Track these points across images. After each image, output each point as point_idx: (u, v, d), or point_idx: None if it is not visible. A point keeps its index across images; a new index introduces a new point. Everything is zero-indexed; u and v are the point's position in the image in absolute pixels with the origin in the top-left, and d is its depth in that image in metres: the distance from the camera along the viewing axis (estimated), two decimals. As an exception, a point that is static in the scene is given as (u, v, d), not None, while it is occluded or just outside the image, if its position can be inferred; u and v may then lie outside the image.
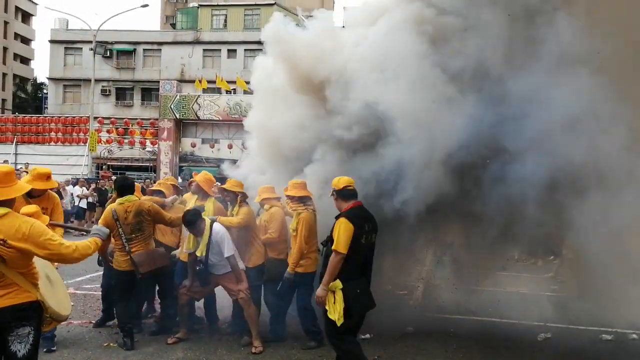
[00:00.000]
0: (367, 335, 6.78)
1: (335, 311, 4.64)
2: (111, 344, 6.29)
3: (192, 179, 7.83)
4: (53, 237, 3.69)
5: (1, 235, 3.55)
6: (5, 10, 52.44)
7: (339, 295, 4.65)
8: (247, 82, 31.10)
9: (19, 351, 3.65)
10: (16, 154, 27.67)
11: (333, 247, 4.71)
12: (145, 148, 30.15)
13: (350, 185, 4.98)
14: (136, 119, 31.74)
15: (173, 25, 44.44)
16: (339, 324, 4.64)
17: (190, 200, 7.00)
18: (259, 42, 35.14)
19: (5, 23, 52.40)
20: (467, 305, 8.27)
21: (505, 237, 6.74)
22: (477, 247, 7.41)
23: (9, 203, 3.69)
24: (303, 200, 6.34)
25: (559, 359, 6.45)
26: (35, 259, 3.76)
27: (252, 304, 6.32)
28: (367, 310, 4.89)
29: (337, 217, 4.86)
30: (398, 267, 8.01)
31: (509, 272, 11.55)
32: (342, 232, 4.66)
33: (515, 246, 8.35)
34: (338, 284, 4.67)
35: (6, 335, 3.63)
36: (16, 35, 55.65)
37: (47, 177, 5.67)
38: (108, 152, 29.99)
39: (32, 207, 4.52)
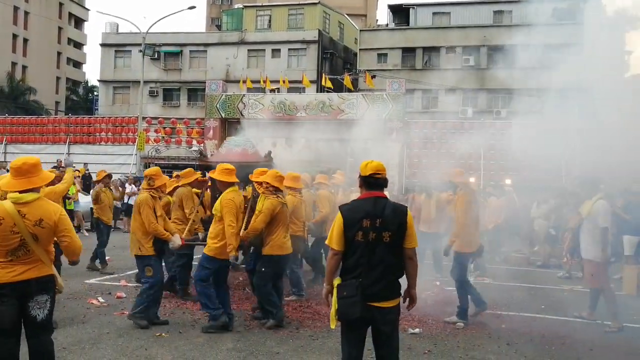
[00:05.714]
0: (417, 330, 6.72)
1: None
2: (163, 334, 6.40)
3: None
4: (72, 227, 4.37)
5: (39, 216, 4.15)
6: (60, 17, 54.22)
7: (334, 295, 4.11)
8: (291, 81, 31.29)
9: (38, 316, 4.21)
10: (69, 154, 28.49)
11: (326, 241, 4.29)
12: (191, 147, 30.59)
13: (378, 173, 4.18)
14: (183, 118, 32.25)
15: (218, 27, 45.01)
16: (332, 326, 4.16)
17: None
18: (303, 42, 35.13)
19: (60, 29, 54.15)
20: (519, 301, 8.08)
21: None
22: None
23: (38, 189, 4.28)
24: None
25: (617, 358, 6.22)
26: None
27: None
28: (349, 319, 4.03)
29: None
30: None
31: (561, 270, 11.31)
32: (333, 226, 4.16)
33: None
34: (337, 281, 4.14)
35: (26, 303, 4.17)
36: (69, 41, 57.44)
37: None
38: (155, 151, 30.53)
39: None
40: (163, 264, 7.92)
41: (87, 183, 19.43)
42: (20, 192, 4.17)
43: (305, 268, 9.87)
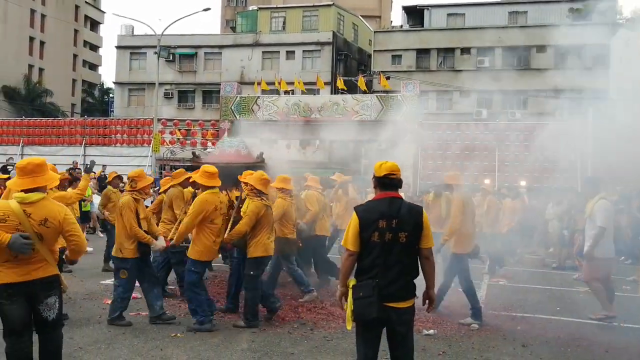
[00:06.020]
0: (432, 331, 6.71)
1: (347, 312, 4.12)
2: (178, 334, 6.44)
3: None
4: (78, 227, 4.45)
5: (44, 216, 4.20)
6: (76, 19, 54.76)
7: (350, 296, 4.08)
8: (305, 83, 31.36)
9: (49, 317, 4.32)
10: (84, 155, 28.81)
11: (342, 242, 4.30)
12: (206, 149, 30.74)
13: (393, 174, 4.17)
14: (198, 120, 32.44)
15: (233, 29, 45.22)
16: (348, 327, 4.13)
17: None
18: (317, 43, 35.02)
19: (76, 31, 54.70)
20: (534, 303, 8.04)
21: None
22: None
23: (43, 189, 4.33)
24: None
25: (634, 361, 6.17)
26: None
27: None
28: (365, 319, 4.01)
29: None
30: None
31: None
32: (349, 227, 4.13)
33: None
34: (352, 282, 4.12)
35: (36, 305, 4.27)
36: (85, 43, 58.00)
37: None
38: (171, 152, 30.74)
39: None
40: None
41: (102, 185, 19.62)
42: (26, 191, 4.22)
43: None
